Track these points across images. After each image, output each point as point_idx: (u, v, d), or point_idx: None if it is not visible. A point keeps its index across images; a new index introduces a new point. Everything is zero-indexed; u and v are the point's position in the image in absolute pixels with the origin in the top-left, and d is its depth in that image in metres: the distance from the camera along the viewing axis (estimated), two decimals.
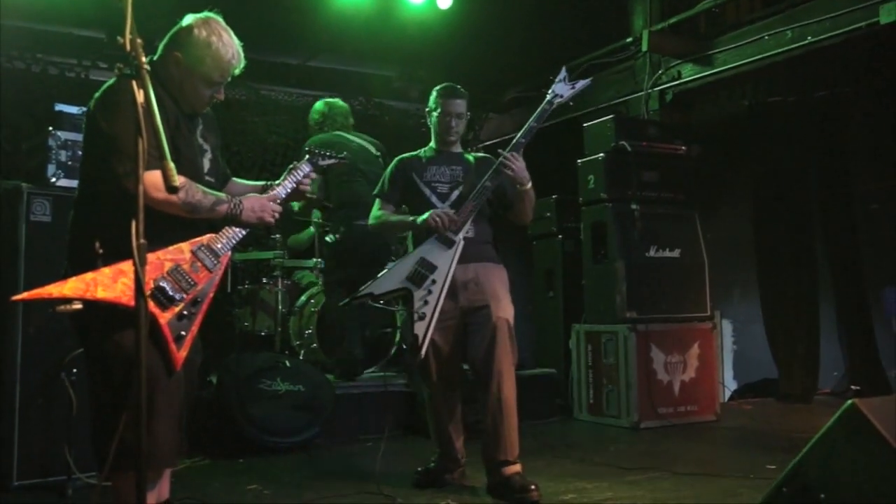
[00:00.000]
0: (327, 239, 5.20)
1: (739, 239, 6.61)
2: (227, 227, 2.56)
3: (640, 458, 4.12)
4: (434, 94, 3.75)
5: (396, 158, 3.84)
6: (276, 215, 2.66)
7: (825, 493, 2.20)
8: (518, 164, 3.46)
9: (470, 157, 3.81)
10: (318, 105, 5.59)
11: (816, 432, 2.28)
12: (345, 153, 3.10)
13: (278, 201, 2.69)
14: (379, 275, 3.51)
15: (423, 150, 3.83)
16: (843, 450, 2.21)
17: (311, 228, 5.83)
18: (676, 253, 5.55)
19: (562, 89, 3.54)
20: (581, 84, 3.58)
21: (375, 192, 3.86)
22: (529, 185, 3.54)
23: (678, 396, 5.29)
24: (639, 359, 5.18)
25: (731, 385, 6.62)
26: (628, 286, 5.33)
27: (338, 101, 5.59)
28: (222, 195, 2.54)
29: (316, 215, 5.73)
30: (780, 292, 6.23)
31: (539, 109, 3.52)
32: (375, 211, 3.78)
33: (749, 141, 6.47)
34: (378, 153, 5.34)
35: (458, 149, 3.83)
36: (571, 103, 3.72)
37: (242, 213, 2.55)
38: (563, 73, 3.58)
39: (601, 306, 5.51)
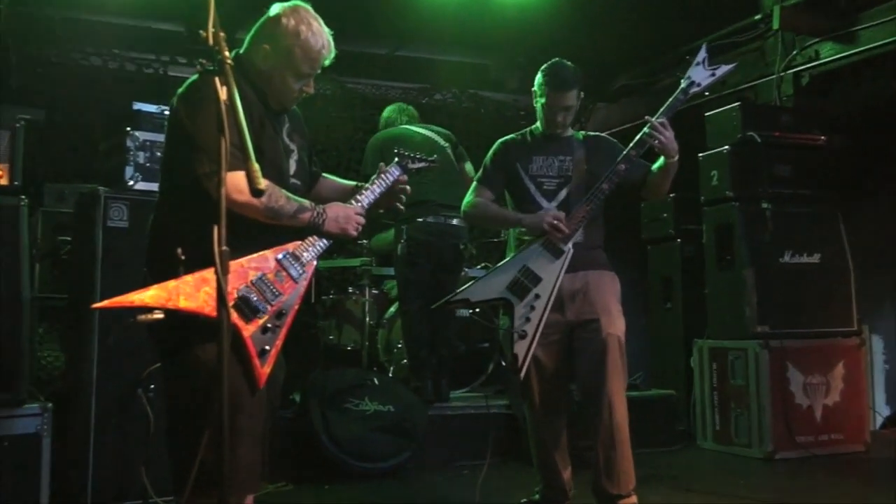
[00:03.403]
0: (398, 251, 5.21)
1: (891, 242, 6.30)
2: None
3: (777, 494, 4.02)
4: (540, 77, 3.59)
5: (499, 142, 3.74)
6: (360, 227, 2.66)
7: None
8: (668, 134, 3.31)
9: (579, 135, 3.69)
10: (388, 108, 5.82)
11: None
12: (435, 156, 3.10)
13: (363, 211, 2.69)
14: (476, 279, 3.48)
15: (528, 130, 3.72)
16: None
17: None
18: (816, 258, 5.39)
19: (699, 75, 3.34)
20: (723, 70, 3.36)
21: (477, 176, 3.78)
22: (677, 156, 3.40)
23: (820, 423, 5.14)
24: (773, 380, 5.04)
25: (882, 411, 6.34)
26: (759, 296, 5.20)
27: (402, 105, 5.87)
28: (306, 202, 2.56)
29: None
30: None
31: (671, 100, 3.34)
32: (471, 196, 3.68)
33: None
34: (447, 143, 5.35)
35: (567, 132, 3.67)
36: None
37: (325, 223, 2.57)
38: (702, 54, 3.37)
39: (727, 319, 5.39)
